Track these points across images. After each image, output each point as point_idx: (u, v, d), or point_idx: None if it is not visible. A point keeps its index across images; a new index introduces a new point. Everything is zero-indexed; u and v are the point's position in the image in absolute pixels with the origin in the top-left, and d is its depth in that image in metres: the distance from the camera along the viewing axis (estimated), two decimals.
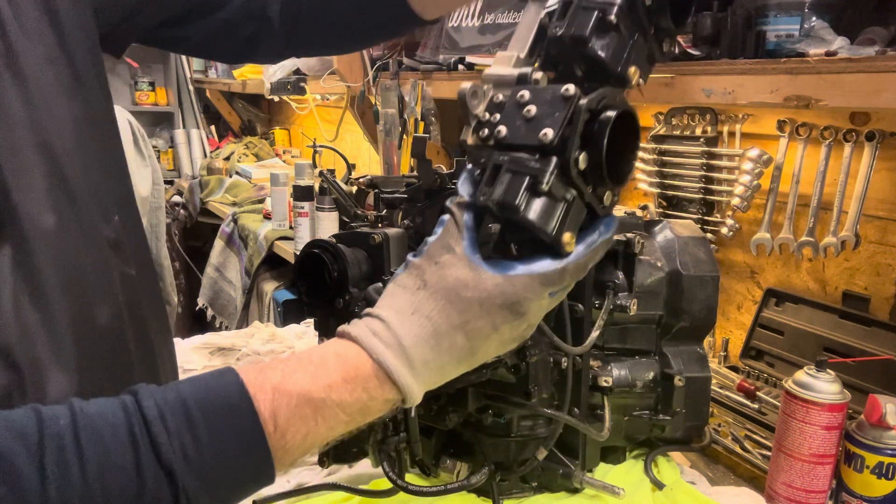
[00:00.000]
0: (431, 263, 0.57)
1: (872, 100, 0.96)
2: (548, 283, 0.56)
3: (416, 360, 0.56)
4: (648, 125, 1.62)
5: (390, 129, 2.17)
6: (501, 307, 0.56)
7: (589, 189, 0.56)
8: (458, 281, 0.56)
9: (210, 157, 4.09)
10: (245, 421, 0.52)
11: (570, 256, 0.56)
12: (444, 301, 0.56)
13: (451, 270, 0.57)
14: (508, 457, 0.93)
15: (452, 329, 0.56)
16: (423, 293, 0.57)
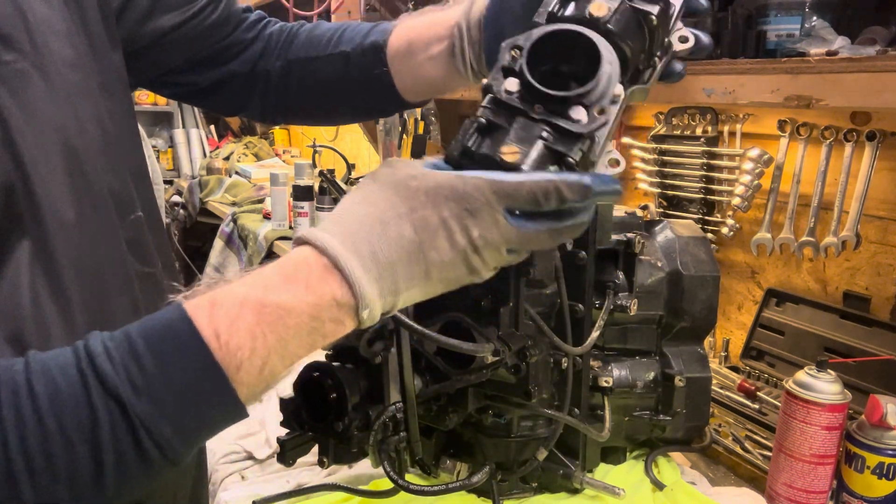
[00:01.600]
0: (385, 166, 0.57)
1: (873, 99, 0.96)
2: (502, 194, 0.53)
3: (363, 248, 0.53)
4: (649, 125, 1.62)
5: (390, 129, 2.17)
6: (447, 199, 0.53)
7: (538, 108, 0.54)
8: (408, 174, 0.55)
9: (209, 157, 4.09)
10: (186, 340, 0.50)
11: (525, 174, 0.54)
12: (392, 190, 0.54)
13: (402, 167, 0.56)
14: (508, 457, 0.93)
15: (398, 217, 0.53)
16: (372, 186, 0.56)
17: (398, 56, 0.84)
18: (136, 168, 0.79)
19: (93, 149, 0.69)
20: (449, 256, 0.54)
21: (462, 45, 0.77)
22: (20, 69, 0.63)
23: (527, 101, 0.54)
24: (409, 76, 0.84)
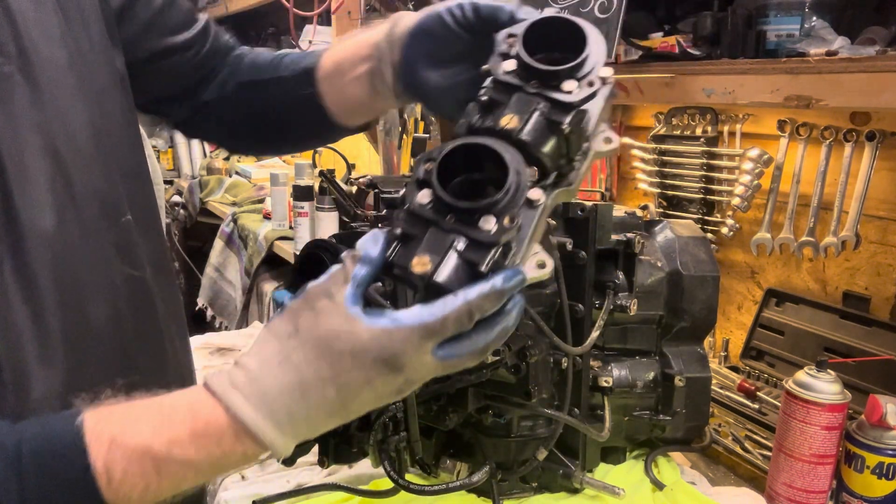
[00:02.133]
0: (307, 309, 0.55)
1: (873, 100, 0.96)
2: (428, 335, 0.52)
3: (281, 413, 0.53)
4: (649, 125, 1.62)
5: (390, 129, 2.17)
6: (375, 361, 0.53)
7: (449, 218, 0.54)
8: (331, 331, 0.53)
9: (210, 157, 4.08)
10: (77, 472, 0.51)
11: (448, 305, 0.52)
12: (315, 351, 0.53)
13: (325, 318, 0.54)
14: (508, 457, 0.93)
15: (321, 381, 0.53)
16: (293, 341, 0.54)
17: (327, 78, 0.83)
18: (132, 170, 0.78)
19: (81, 153, 0.69)
20: (372, 401, 0.56)
21: (381, 66, 0.76)
22: (5, 73, 0.63)
23: (439, 213, 0.54)
24: (337, 97, 0.83)
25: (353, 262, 0.55)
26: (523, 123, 0.57)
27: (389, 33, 0.76)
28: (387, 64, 0.76)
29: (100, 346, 0.69)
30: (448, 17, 0.70)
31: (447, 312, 0.52)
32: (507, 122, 0.57)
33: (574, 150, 0.60)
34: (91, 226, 0.69)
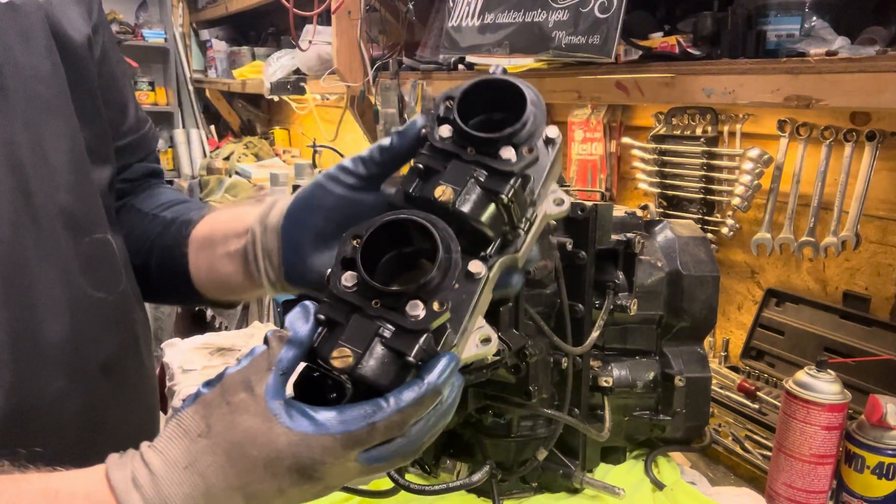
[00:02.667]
0: (223, 403, 0.50)
1: (873, 99, 0.96)
2: (352, 445, 0.48)
3: None
4: (649, 125, 1.62)
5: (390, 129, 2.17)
6: (290, 470, 0.48)
7: (374, 303, 0.51)
8: (247, 434, 0.48)
9: (210, 157, 4.08)
10: None
11: (378, 413, 0.48)
12: (225, 457, 0.49)
13: (242, 417, 0.49)
14: (508, 457, 0.93)
15: (230, 490, 0.49)
16: (203, 442, 0.49)
17: (196, 242, 0.79)
18: (105, 194, 0.76)
19: (49, 166, 0.67)
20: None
21: (255, 250, 0.71)
22: None
23: (365, 297, 0.52)
24: (204, 268, 0.78)
25: (280, 344, 0.51)
26: (458, 194, 0.54)
27: (264, 216, 0.71)
28: (260, 249, 0.70)
29: (52, 367, 0.66)
30: (336, 178, 0.66)
31: (375, 420, 0.48)
32: (441, 193, 0.54)
33: (517, 216, 0.57)
34: (50, 241, 0.67)
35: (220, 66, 4.16)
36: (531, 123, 0.56)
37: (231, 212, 0.79)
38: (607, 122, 1.74)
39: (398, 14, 2.30)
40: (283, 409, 0.49)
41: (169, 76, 4.74)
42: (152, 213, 0.87)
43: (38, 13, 0.69)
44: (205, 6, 4.23)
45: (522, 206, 0.58)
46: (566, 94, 1.49)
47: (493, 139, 0.56)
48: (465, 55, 1.73)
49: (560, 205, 0.61)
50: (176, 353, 1.67)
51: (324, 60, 2.57)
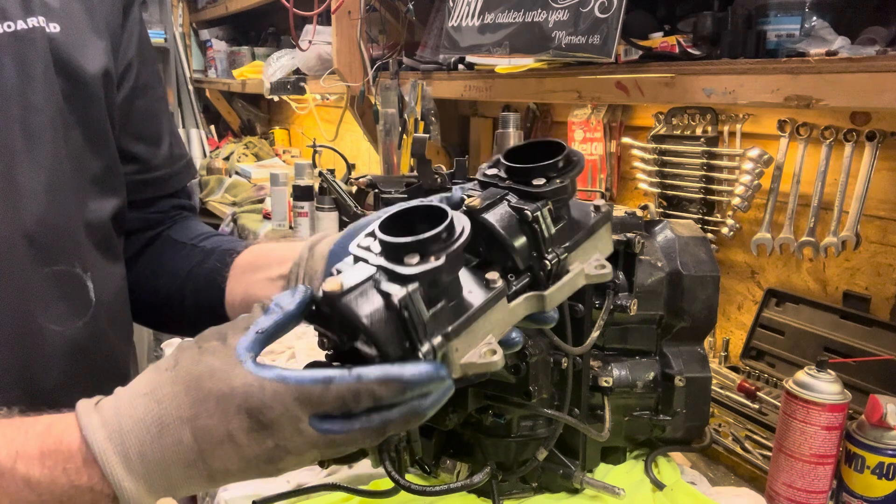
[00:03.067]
0: (195, 347, 0.52)
1: (873, 99, 0.96)
2: (304, 401, 0.48)
3: (132, 448, 0.49)
4: (649, 125, 1.62)
5: (390, 129, 2.17)
6: (239, 409, 0.48)
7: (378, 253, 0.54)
8: (208, 368, 0.49)
9: (209, 157, 4.08)
10: None
11: (337, 377, 0.49)
12: (182, 386, 0.50)
13: (208, 357, 0.50)
14: (509, 457, 0.93)
15: (180, 421, 0.49)
16: (167, 374, 0.51)
17: (239, 268, 0.81)
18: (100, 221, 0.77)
19: (17, 193, 0.68)
20: (237, 465, 0.51)
21: (298, 272, 0.73)
22: None
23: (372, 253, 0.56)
24: (240, 293, 0.80)
25: (260, 310, 0.52)
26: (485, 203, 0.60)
27: (314, 243, 0.73)
28: (303, 271, 0.72)
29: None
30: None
31: (332, 381, 0.49)
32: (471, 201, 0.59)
33: (543, 244, 0.60)
34: (5, 270, 0.67)
35: (219, 66, 4.16)
36: (563, 162, 0.62)
37: (278, 243, 0.82)
38: (607, 122, 1.74)
39: (398, 14, 2.30)
40: (249, 357, 0.50)
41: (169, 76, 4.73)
42: (191, 243, 0.89)
43: (42, 43, 0.71)
44: (205, 6, 4.22)
45: (549, 235, 0.61)
46: (566, 94, 1.49)
47: (526, 169, 0.61)
48: (465, 55, 1.73)
49: (601, 269, 0.64)
50: None
51: (324, 60, 2.57)
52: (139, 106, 0.85)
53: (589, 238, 0.64)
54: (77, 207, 0.75)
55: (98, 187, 0.78)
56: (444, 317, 0.54)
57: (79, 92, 0.75)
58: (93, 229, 0.77)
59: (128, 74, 0.83)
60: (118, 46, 0.81)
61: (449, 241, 0.54)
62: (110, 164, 0.80)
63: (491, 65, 1.58)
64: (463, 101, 2.37)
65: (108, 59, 0.78)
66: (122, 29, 0.83)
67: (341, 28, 2.30)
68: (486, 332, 0.56)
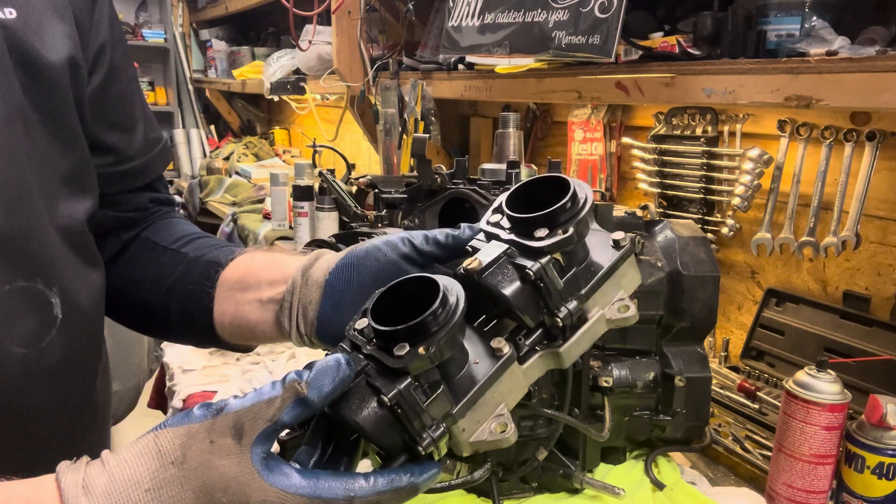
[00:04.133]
0: (206, 440, 0.48)
1: (873, 100, 0.96)
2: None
3: None
4: (649, 125, 1.62)
5: (390, 129, 2.17)
6: None
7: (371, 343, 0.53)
8: (221, 478, 0.47)
9: (209, 157, 4.09)
10: None
11: (362, 487, 0.48)
12: (192, 494, 0.47)
13: (221, 461, 0.47)
14: (509, 457, 0.93)
15: None
16: (173, 472, 0.47)
17: (226, 285, 0.76)
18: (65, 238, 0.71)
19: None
20: None
21: (291, 300, 0.69)
22: None
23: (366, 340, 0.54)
24: (230, 313, 0.75)
25: (292, 397, 0.49)
26: (487, 267, 0.56)
27: (306, 268, 0.69)
28: (296, 300, 0.68)
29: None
30: (396, 246, 0.64)
31: (354, 495, 0.48)
32: (469, 263, 0.56)
33: (553, 300, 0.56)
34: None
35: (219, 66, 4.16)
36: (569, 203, 0.57)
37: (267, 258, 0.76)
38: (607, 122, 1.74)
39: (398, 14, 2.30)
40: (263, 463, 0.47)
41: (169, 76, 4.74)
42: (171, 247, 0.83)
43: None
44: (205, 6, 4.23)
45: (557, 290, 0.56)
46: (566, 94, 1.49)
47: (528, 220, 0.57)
48: (465, 55, 1.73)
49: (625, 312, 0.59)
50: (176, 353, 1.67)
51: (324, 60, 2.57)
52: (113, 92, 0.78)
53: (607, 279, 0.59)
54: (46, 213, 0.68)
55: (69, 188, 0.71)
56: (445, 398, 0.53)
57: (40, 84, 0.67)
58: (67, 234, 0.71)
59: (101, 59, 0.76)
60: (88, 30, 0.74)
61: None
62: (81, 160, 0.73)
63: (491, 65, 1.58)
64: (463, 101, 2.37)
65: (74, 45, 0.71)
66: (91, 10, 0.75)
67: (341, 28, 2.30)
68: (497, 402, 0.54)
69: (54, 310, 0.69)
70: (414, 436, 0.51)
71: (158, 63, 4.80)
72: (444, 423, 0.52)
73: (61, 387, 0.72)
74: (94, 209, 0.76)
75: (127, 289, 0.84)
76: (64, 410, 0.72)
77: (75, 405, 0.74)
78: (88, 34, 0.74)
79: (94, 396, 0.78)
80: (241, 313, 0.74)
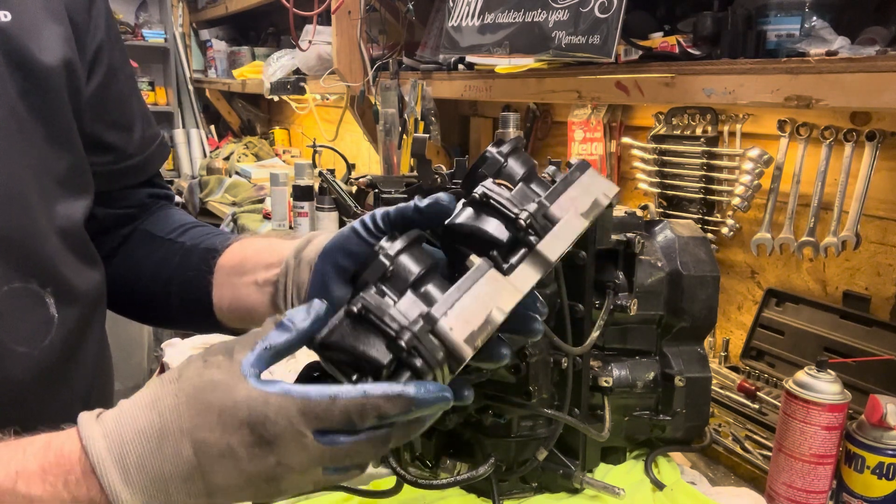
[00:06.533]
0: (200, 360, 0.51)
1: (873, 99, 0.96)
2: (311, 416, 0.48)
3: (131, 459, 0.48)
4: (649, 125, 1.62)
5: (390, 129, 2.17)
6: (242, 424, 0.48)
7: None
8: (211, 381, 0.49)
9: (209, 157, 4.08)
10: None
11: (344, 388, 0.48)
12: (185, 398, 0.49)
13: (213, 371, 0.50)
14: (509, 457, 0.93)
15: (180, 433, 0.48)
16: (171, 386, 0.50)
17: (223, 270, 0.77)
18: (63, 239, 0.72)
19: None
20: (237, 482, 0.50)
21: (286, 282, 0.70)
22: None
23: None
24: (228, 297, 0.77)
25: (271, 326, 0.51)
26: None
27: (300, 249, 0.70)
28: (290, 280, 0.70)
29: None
30: (361, 228, 0.65)
31: (338, 396, 0.48)
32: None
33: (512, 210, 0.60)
34: None
35: (219, 66, 4.16)
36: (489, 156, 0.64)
37: (262, 242, 0.78)
38: (607, 122, 1.74)
39: (398, 14, 2.30)
40: (253, 372, 0.49)
41: (169, 76, 4.74)
42: (168, 237, 0.85)
43: None
44: (205, 6, 4.22)
45: (506, 200, 0.59)
46: (566, 94, 1.49)
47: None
48: (465, 55, 1.73)
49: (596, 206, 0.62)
50: (176, 353, 1.67)
51: (324, 60, 2.57)
52: (113, 91, 0.79)
53: (570, 187, 0.61)
54: (43, 214, 0.69)
55: (65, 189, 0.72)
56: (417, 299, 0.54)
57: (36, 87, 0.68)
58: (65, 234, 0.72)
59: (99, 60, 0.77)
60: (85, 32, 0.75)
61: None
62: (76, 161, 0.74)
63: (491, 65, 1.58)
64: (463, 101, 2.37)
65: (70, 47, 0.72)
66: (87, 11, 0.75)
67: (341, 28, 2.30)
68: (485, 305, 0.54)
69: (50, 310, 0.70)
70: (392, 335, 0.51)
71: (158, 63, 4.80)
72: (424, 321, 0.52)
73: (64, 385, 0.74)
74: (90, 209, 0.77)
75: (127, 281, 0.85)
76: (68, 408, 0.72)
77: (79, 403, 0.75)
78: (85, 36, 0.75)
79: (96, 394, 0.79)
80: (239, 297, 0.76)
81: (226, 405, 0.48)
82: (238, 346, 0.51)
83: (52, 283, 0.70)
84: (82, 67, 0.74)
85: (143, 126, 0.86)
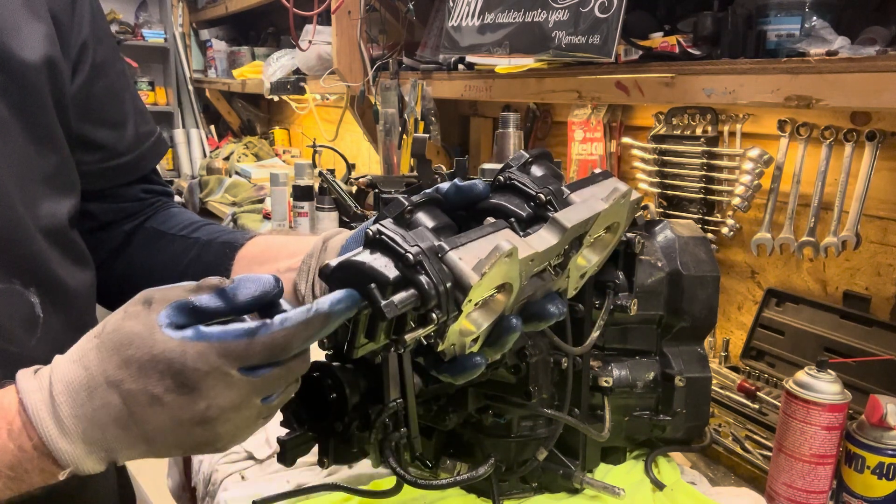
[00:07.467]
0: (121, 310, 0.52)
1: (873, 99, 0.96)
2: (229, 355, 0.48)
3: (64, 411, 0.50)
4: (649, 125, 1.62)
5: (390, 129, 2.17)
6: (163, 375, 0.48)
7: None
8: (129, 334, 0.49)
9: (209, 157, 4.08)
10: None
11: (260, 326, 0.48)
12: (107, 354, 0.50)
13: (130, 322, 0.50)
14: (509, 457, 0.93)
15: (107, 385, 0.49)
16: (94, 341, 0.51)
17: (244, 259, 0.78)
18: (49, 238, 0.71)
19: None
20: (171, 427, 0.50)
21: (311, 263, 0.71)
22: None
23: None
24: None
25: (207, 291, 0.51)
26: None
27: (328, 237, 0.72)
28: (314, 264, 0.71)
29: None
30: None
31: (257, 334, 0.48)
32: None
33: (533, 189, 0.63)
34: None
35: (219, 66, 4.16)
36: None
37: (286, 237, 0.80)
38: (607, 122, 1.74)
39: (398, 14, 2.30)
40: (168, 322, 0.49)
41: (169, 76, 4.74)
42: (180, 234, 0.85)
43: None
44: (205, 6, 4.22)
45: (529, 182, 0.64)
46: (566, 94, 1.49)
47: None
48: (465, 55, 1.73)
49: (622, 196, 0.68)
50: None
51: (324, 60, 2.57)
52: (99, 88, 0.78)
53: (592, 185, 0.66)
54: (26, 214, 0.69)
55: (49, 188, 0.72)
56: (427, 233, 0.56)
57: (15, 85, 0.67)
58: (50, 234, 0.72)
59: (83, 57, 0.76)
60: (69, 29, 0.74)
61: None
62: (61, 160, 0.74)
63: (491, 65, 1.58)
64: (463, 101, 2.37)
65: (52, 44, 0.71)
66: (71, 9, 0.75)
67: (341, 28, 2.30)
68: (498, 246, 0.55)
69: (35, 309, 0.71)
70: (400, 251, 0.53)
71: (158, 63, 4.80)
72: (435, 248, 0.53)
73: None
74: (77, 207, 0.77)
75: (135, 277, 0.85)
76: None
77: None
78: (69, 33, 0.74)
79: None
80: None
81: (144, 360, 0.49)
82: (157, 295, 0.51)
83: (37, 283, 0.70)
84: (66, 65, 0.74)
85: (136, 123, 0.85)
